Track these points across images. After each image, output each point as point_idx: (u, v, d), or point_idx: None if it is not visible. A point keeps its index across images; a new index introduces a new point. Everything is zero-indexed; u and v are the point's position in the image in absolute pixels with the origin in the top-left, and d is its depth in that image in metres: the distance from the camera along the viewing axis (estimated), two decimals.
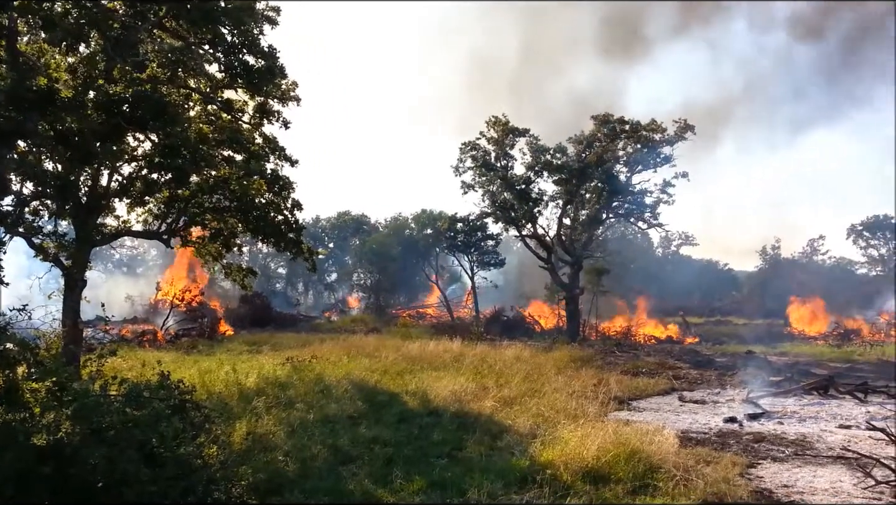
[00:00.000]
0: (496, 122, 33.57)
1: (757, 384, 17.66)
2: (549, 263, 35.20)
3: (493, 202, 34.83)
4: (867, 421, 12.47)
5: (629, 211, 35.91)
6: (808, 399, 15.92)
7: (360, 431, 10.89)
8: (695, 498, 7.80)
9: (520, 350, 22.86)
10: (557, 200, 35.27)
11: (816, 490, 8.51)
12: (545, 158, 33.59)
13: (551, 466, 8.66)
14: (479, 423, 11.64)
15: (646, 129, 33.32)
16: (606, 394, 15.23)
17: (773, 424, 13.00)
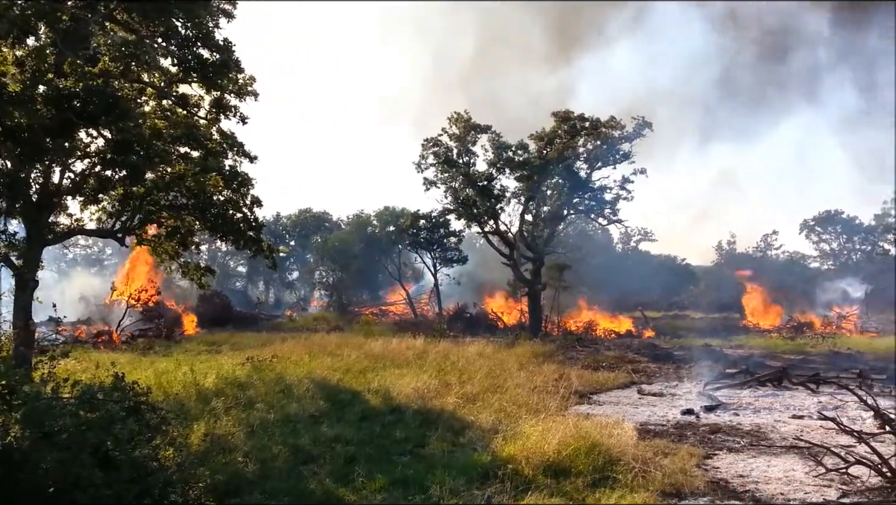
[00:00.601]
0: (458, 119, 33.62)
1: (713, 377, 18.07)
2: (511, 259, 35.42)
3: (455, 199, 34.87)
4: (819, 411, 12.83)
5: (589, 207, 36.34)
6: (762, 390, 16.33)
7: (322, 430, 10.81)
8: (653, 489, 7.93)
9: (482, 346, 22.97)
10: (519, 197, 35.46)
11: (770, 479, 8.73)
12: (507, 155, 33.77)
13: (513, 461, 8.71)
14: (441, 419, 11.65)
15: (605, 126, 33.72)
16: (567, 388, 15.42)
17: (728, 416, 13.30)
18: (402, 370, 16.70)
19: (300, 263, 64.31)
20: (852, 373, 18.12)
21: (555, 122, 34.24)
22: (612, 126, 33.80)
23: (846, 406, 13.69)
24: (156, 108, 15.43)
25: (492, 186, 34.31)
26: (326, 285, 53.80)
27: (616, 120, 33.81)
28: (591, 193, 35.40)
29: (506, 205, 35.41)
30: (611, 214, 35.88)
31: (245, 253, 19.32)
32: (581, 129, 33.75)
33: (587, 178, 34.94)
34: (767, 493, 8.13)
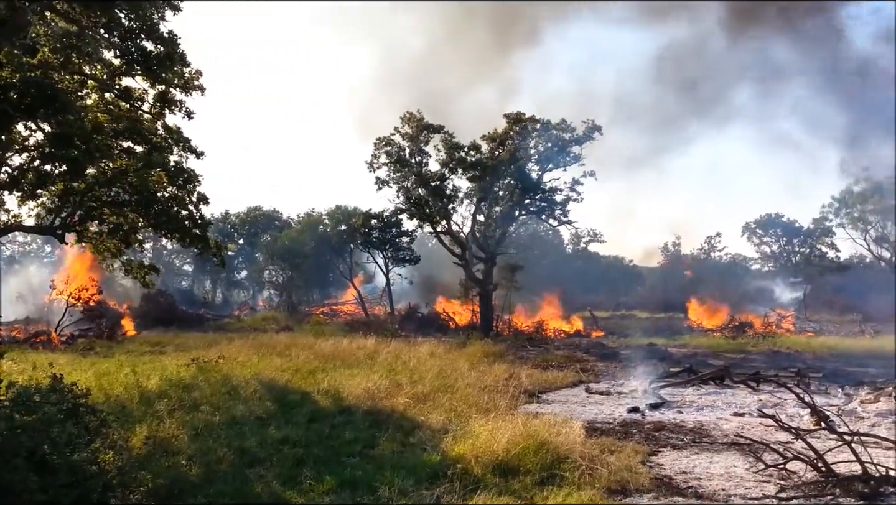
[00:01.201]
0: (411, 118, 33.57)
1: (658, 375, 18.46)
2: (463, 259, 35.55)
3: (407, 198, 34.83)
4: (759, 409, 13.23)
5: (541, 208, 36.72)
6: (705, 389, 16.74)
7: (269, 431, 10.63)
8: (599, 487, 8.05)
9: (434, 346, 22.99)
10: (472, 197, 35.64)
11: (712, 475, 8.96)
12: (459, 155, 33.88)
13: (462, 460, 8.73)
14: (391, 420, 11.60)
15: (556, 129, 34.19)
16: (517, 387, 15.55)
17: (672, 413, 13.61)
18: (352, 371, 16.57)
19: (249, 262, 63.22)
20: (791, 371, 18.74)
21: (507, 124, 34.52)
22: (562, 128, 34.29)
23: (785, 404, 14.13)
24: (98, 101, 14.95)
25: (444, 186, 34.39)
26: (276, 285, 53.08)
27: (567, 122, 34.34)
28: (542, 194, 35.80)
29: (458, 205, 35.62)
30: (561, 215, 36.38)
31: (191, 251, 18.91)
32: (532, 130, 34.12)
33: (538, 180, 35.34)
34: (709, 489, 8.34)
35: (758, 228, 56.58)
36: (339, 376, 15.43)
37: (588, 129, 34.21)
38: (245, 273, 65.00)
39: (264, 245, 55.87)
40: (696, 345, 30.02)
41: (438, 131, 33.70)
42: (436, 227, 35.77)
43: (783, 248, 55.78)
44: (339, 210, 48.89)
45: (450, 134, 33.84)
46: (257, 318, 43.52)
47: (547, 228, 61.28)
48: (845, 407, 13.81)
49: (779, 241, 55.88)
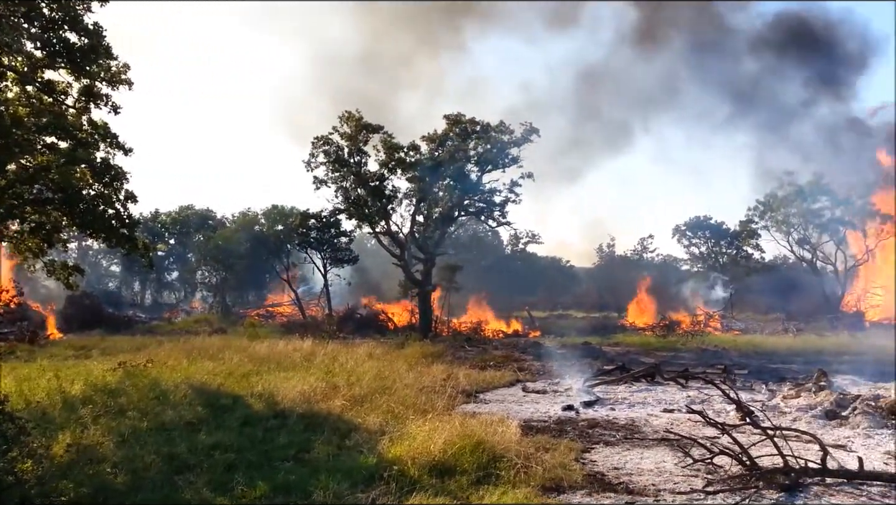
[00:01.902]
0: (349, 118, 33.31)
1: (592, 373, 18.83)
2: (402, 259, 35.48)
3: (346, 198, 34.54)
4: (687, 405, 13.64)
5: (480, 209, 36.99)
6: (637, 386, 17.18)
7: (200, 437, 10.33)
8: (534, 485, 8.14)
9: (372, 347, 22.85)
10: (411, 198, 35.62)
11: (643, 471, 9.18)
12: (399, 156, 33.80)
13: (399, 462, 8.68)
14: (327, 423, 11.45)
15: (495, 131, 34.53)
16: (455, 387, 15.59)
17: (606, 411, 13.90)
18: (288, 373, 16.29)
19: (180, 263, 61.43)
20: (718, 368, 19.40)
21: (446, 125, 34.65)
22: (501, 131, 34.65)
23: (712, 400, 14.63)
24: (19, 94, 14.25)
25: (383, 187, 34.26)
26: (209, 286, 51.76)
27: (505, 125, 34.72)
28: (481, 196, 36.08)
29: (397, 205, 35.54)
30: (500, 217, 36.73)
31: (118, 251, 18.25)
32: (472, 132, 34.36)
33: (477, 181, 35.59)
34: (640, 484, 8.54)
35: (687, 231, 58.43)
36: (273, 379, 15.14)
37: (526, 132, 34.70)
38: (176, 274, 63.13)
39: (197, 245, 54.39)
40: (629, 343, 30.78)
41: (377, 131, 33.56)
42: (375, 228, 35.59)
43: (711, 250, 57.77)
44: (276, 210, 48.02)
45: (389, 134, 33.79)
46: (189, 320, 42.34)
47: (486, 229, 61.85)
48: (769, 402, 14.38)
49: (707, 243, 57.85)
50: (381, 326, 36.75)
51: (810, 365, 19.47)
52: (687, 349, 27.86)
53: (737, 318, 42.95)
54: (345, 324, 35.65)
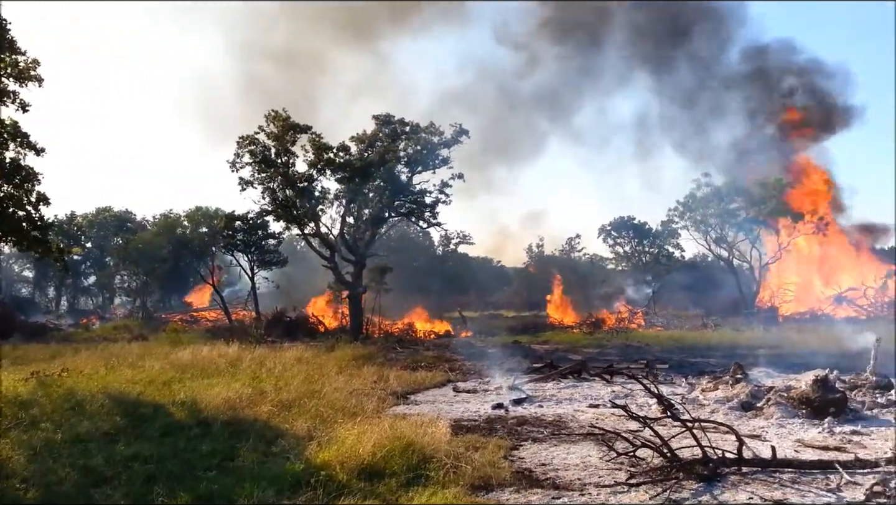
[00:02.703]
0: (276, 117, 32.66)
1: (522, 371, 19.10)
2: (332, 261, 35.06)
3: (273, 200, 33.84)
4: (611, 400, 13.99)
5: (410, 210, 36.92)
6: (564, 382, 17.51)
7: (118, 448, 9.90)
8: (463, 484, 8.16)
9: (301, 351, 22.49)
10: (341, 199, 35.24)
11: (569, 465, 9.35)
12: (328, 156, 33.38)
13: (327, 467, 8.55)
14: (253, 429, 11.16)
15: (425, 132, 34.57)
16: (386, 389, 15.53)
17: (534, 408, 14.10)
18: (212, 380, 15.85)
19: (98, 267, 58.83)
20: (641, 364, 20.00)
21: (375, 125, 34.47)
22: (431, 132, 34.72)
23: (635, 394, 15.05)
24: None
25: (312, 188, 33.78)
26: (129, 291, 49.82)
27: (435, 126, 34.81)
28: (412, 197, 36.04)
29: (327, 207, 35.08)
30: (430, 217, 36.76)
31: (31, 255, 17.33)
32: (401, 132, 34.30)
33: (408, 182, 35.53)
34: (566, 479, 8.69)
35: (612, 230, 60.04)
36: (197, 386, 14.71)
37: (456, 133, 34.90)
38: (94, 279, 60.45)
39: (115, 248, 52.20)
40: (557, 341, 31.37)
41: (306, 131, 33.03)
42: (303, 229, 35.03)
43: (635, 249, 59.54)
44: (200, 211, 46.58)
45: (317, 134, 33.29)
46: (108, 326, 40.62)
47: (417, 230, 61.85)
48: (689, 395, 14.91)
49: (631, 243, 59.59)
50: (312, 329, 36.19)
51: (727, 359, 20.27)
52: (612, 346, 28.61)
53: (659, 314, 44.36)
54: (273, 328, 34.91)
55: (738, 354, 22.50)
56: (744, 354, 22.24)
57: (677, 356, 23.57)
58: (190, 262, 46.29)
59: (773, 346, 25.75)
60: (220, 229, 40.10)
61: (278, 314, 37.97)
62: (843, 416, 11.92)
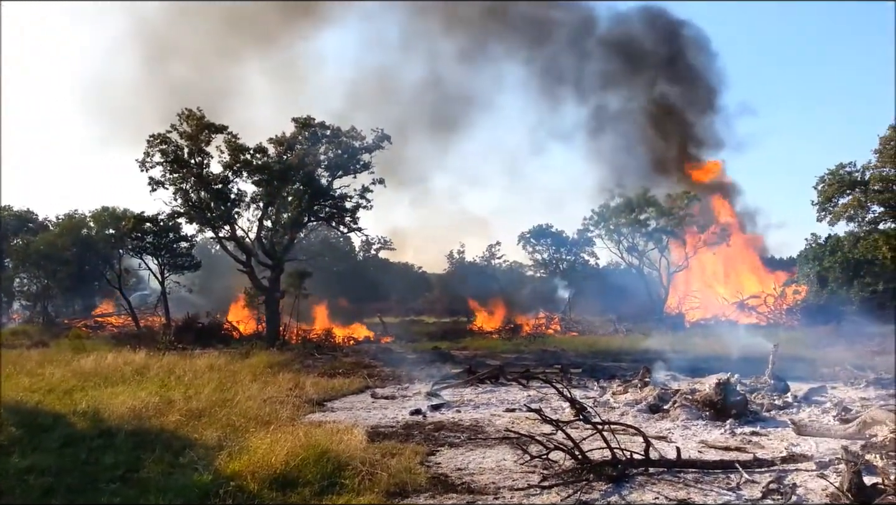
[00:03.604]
0: (190, 116, 31.61)
1: (441, 377, 19.18)
2: (248, 266, 34.19)
3: (186, 201, 32.70)
4: (526, 404, 14.24)
5: (330, 214, 36.46)
6: (482, 387, 17.69)
7: (13, 460, 9.31)
8: (378, 491, 8.11)
9: (214, 358, 21.81)
10: (258, 202, 34.41)
11: (485, 470, 9.45)
12: (244, 158, 32.56)
13: (237, 477, 8.31)
14: (160, 439, 10.72)
15: (346, 136, 34.26)
16: (302, 397, 15.27)
17: (452, 413, 14.18)
18: (116, 388, 15.14)
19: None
20: (556, 368, 20.46)
21: (295, 128, 33.90)
22: (352, 136, 34.46)
23: (550, 398, 15.36)
24: None
25: (227, 189, 32.84)
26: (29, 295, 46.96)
27: (356, 130, 34.57)
28: (332, 201, 35.60)
29: (243, 210, 34.17)
30: (351, 222, 36.42)
31: None
32: (322, 136, 33.87)
33: (328, 186, 35.08)
34: (481, 483, 8.77)
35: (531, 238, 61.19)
36: (100, 395, 14.02)
37: (377, 138, 34.72)
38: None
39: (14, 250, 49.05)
40: (476, 347, 31.68)
41: (221, 131, 32.10)
42: (218, 233, 34.00)
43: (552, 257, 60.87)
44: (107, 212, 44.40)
45: (234, 135, 32.39)
46: (6, 332, 38.12)
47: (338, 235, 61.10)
48: (600, 399, 15.36)
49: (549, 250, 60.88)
50: (226, 336, 35.18)
51: (637, 363, 21.01)
52: (529, 351, 29.12)
53: (574, 320, 45.53)
54: (184, 334, 33.69)
55: (648, 358, 23.35)
56: (652, 359, 23.08)
57: (591, 361, 24.23)
58: (96, 265, 44.02)
59: (679, 350, 26.82)
60: (127, 231, 38.37)
61: (190, 320, 36.72)
62: (744, 417, 12.55)
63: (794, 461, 9.42)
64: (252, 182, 33.46)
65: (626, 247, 45.95)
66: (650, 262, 45.80)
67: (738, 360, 20.70)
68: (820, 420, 12.36)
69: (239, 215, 33.93)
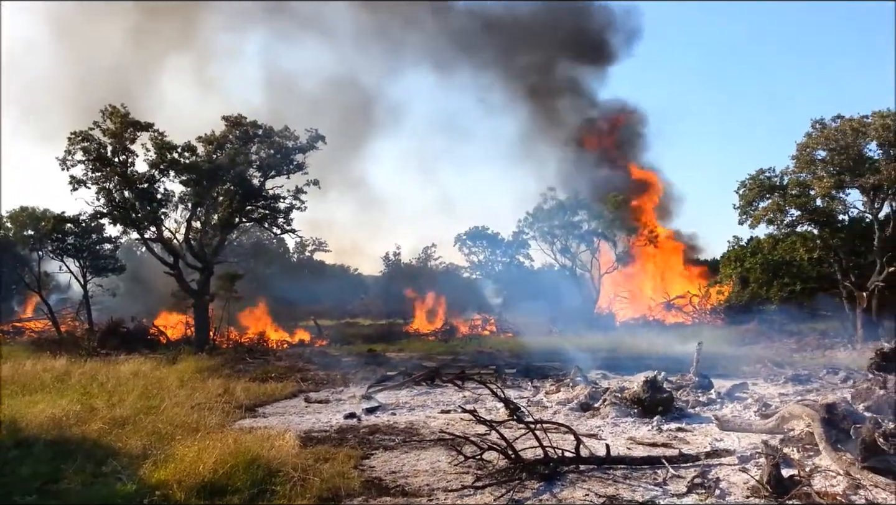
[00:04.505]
0: (114, 113, 30.39)
1: (376, 380, 19.06)
2: (176, 268, 33.12)
3: (109, 201, 31.42)
4: (461, 405, 14.30)
5: (263, 216, 35.71)
6: (418, 389, 17.69)
7: None
8: (310, 497, 7.99)
9: (139, 364, 21.08)
10: (186, 202, 33.37)
11: (419, 472, 9.44)
12: (172, 156, 31.53)
13: (163, 486, 8.05)
14: (82, 449, 10.29)
15: (279, 136, 33.64)
16: (231, 402, 14.92)
17: (387, 416, 14.11)
18: (35, 396, 14.41)
19: None
20: (491, 369, 20.63)
21: (226, 127, 33.09)
22: (285, 136, 33.86)
23: (485, 399, 15.47)
24: None
25: (154, 189, 31.74)
26: None
27: (289, 130, 33.99)
28: (265, 202, 34.88)
29: (171, 210, 33.08)
30: (284, 224, 35.76)
31: None
32: (254, 135, 33.17)
33: (260, 187, 34.36)
34: (415, 485, 8.76)
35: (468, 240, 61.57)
36: (17, 404, 13.33)
37: (311, 139, 34.22)
38: None
39: None
40: (413, 349, 31.62)
41: (147, 129, 30.95)
42: (143, 234, 32.81)
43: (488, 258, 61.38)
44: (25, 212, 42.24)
45: (160, 133, 31.30)
46: None
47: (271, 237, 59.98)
48: (533, 398, 15.57)
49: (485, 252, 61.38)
50: (152, 341, 33.96)
51: (570, 362, 21.37)
52: (465, 352, 29.27)
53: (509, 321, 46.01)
54: (108, 339, 32.35)
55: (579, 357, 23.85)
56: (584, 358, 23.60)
57: (525, 361, 24.54)
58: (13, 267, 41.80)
59: (610, 349, 27.54)
60: (47, 232, 36.60)
61: (114, 325, 35.24)
62: (670, 414, 12.96)
63: (718, 456, 9.79)
64: (180, 182, 32.38)
65: (560, 249, 46.74)
66: (582, 263, 46.72)
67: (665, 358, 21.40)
68: (742, 416, 12.88)
69: (166, 216, 32.79)
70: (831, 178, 27.03)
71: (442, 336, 39.04)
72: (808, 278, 35.16)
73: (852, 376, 17.22)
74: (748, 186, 29.62)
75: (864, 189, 27.23)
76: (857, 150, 26.74)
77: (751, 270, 37.97)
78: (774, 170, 29.38)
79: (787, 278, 35.79)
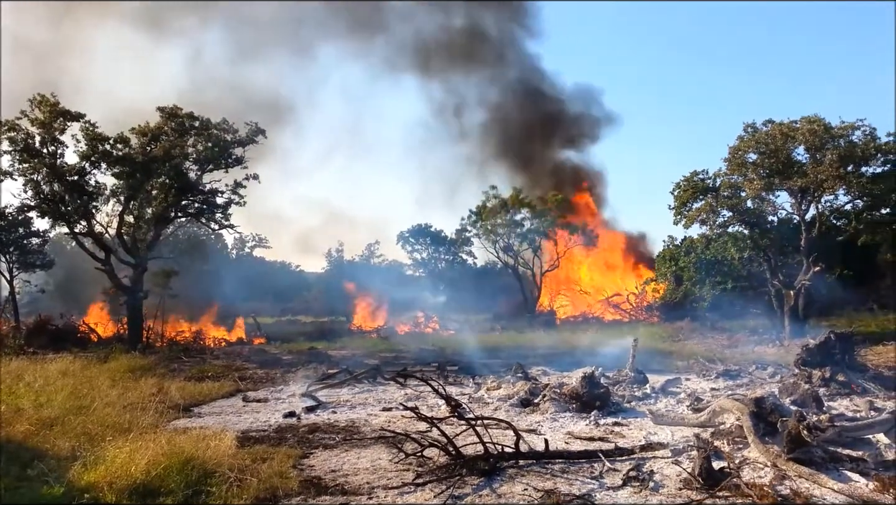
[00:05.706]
0: (43, 102, 29.13)
1: (317, 378, 18.87)
2: (107, 264, 31.97)
3: (37, 194, 30.11)
4: (402, 403, 14.28)
5: (200, 210, 34.79)
6: (359, 387, 17.58)
7: None
8: (248, 497, 7.85)
9: (69, 363, 20.25)
10: (119, 196, 32.24)
11: (359, 470, 9.38)
12: (104, 148, 30.41)
13: (93, 489, 7.77)
14: (6, 451, 9.83)
15: (217, 129, 32.84)
16: (166, 402, 14.51)
17: (327, 414, 13.97)
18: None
19: None
20: (433, 366, 20.66)
21: (161, 118, 32.12)
22: (224, 129, 33.07)
23: (426, 396, 15.50)
24: None
25: (84, 182, 30.55)
26: None
27: (228, 123, 33.22)
28: (202, 196, 33.99)
29: (102, 204, 31.91)
30: (222, 219, 34.91)
31: None
32: (190, 127, 32.29)
33: (197, 180, 33.46)
34: (355, 483, 8.70)
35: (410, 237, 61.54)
36: None
37: (251, 132, 33.54)
38: None
39: None
40: (355, 346, 31.38)
41: (78, 119, 29.78)
42: (73, 228, 31.55)
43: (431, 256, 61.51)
44: None
45: (91, 123, 30.14)
46: None
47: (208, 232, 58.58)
48: (475, 395, 15.69)
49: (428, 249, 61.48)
50: (83, 339, 32.72)
51: (512, 359, 21.62)
52: (408, 350, 29.22)
53: (453, 318, 46.19)
54: (35, 338, 31.02)
55: (521, 354, 24.17)
56: (525, 355, 23.95)
57: (467, 358, 24.66)
58: None
59: (550, 346, 27.97)
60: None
61: (41, 322, 33.81)
62: (607, 409, 13.26)
63: (652, 449, 10.05)
64: (112, 174, 31.24)
65: (502, 247, 47.15)
66: (524, 261, 47.26)
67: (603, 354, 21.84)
68: (675, 410, 13.28)
69: (97, 210, 31.62)
70: (761, 181, 28.05)
71: (384, 333, 38.89)
72: (738, 277, 36.41)
73: (780, 372, 17.96)
74: (682, 188, 30.46)
75: (792, 191, 28.32)
76: (786, 153, 27.80)
77: (685, 268, 39.10)
78: (708, 172, 30.31)
79: (719, 277, 36.98)
